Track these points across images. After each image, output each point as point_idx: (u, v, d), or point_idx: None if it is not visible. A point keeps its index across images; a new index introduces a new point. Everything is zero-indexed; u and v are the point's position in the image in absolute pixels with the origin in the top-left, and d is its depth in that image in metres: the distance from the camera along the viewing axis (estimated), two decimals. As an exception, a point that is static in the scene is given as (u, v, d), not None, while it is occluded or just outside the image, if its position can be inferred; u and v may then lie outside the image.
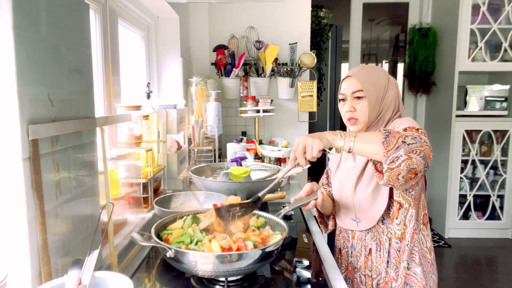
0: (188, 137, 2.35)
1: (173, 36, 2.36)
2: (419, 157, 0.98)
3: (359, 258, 1.30)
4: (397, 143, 1.00)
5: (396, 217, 1.20)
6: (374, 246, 1.26)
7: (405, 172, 0.99)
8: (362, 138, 1.06)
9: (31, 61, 0.77)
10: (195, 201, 1.53)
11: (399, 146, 0.99)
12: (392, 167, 0.99)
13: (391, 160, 0.99)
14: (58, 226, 0.87)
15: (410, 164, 0.98)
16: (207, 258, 0.91)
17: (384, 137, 1.01)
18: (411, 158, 0.98)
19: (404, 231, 1.20)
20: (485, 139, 3.93)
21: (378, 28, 5.41)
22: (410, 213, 1.20)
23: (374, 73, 1.26)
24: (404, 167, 0.98)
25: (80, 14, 0.99)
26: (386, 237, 1.24)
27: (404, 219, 1.20)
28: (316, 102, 2.91)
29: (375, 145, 1.02)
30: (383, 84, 1.24)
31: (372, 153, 1.04)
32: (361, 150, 1.06)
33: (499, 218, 3.94)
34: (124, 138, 1.53)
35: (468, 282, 3.12)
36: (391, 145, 1.00)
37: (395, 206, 1.20)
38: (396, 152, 0.99)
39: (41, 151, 0.79)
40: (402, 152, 0.98)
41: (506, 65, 3.73)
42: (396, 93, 1.27)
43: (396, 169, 0.99)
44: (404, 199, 1.19)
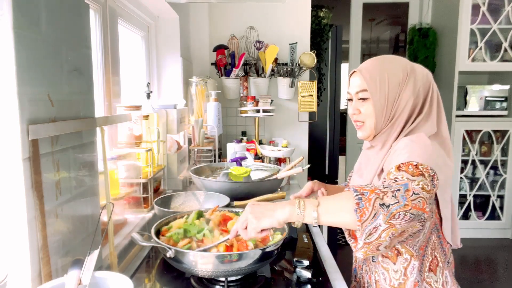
0: (188, 137, 2.35)
1: (173, 36, 2.35)
2: (405, 221, 0.78)
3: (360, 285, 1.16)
4: (373, 209, 0.78)
5: (394, 263, 1.01)
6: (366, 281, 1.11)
7: (387, 243, 0.80)
8: (327, 207, 0.84)
9: (31, 61, 0.77)
10: (195, 201, 1.53)
11: (377, 212, 0.78)
12: (369, 241, 0.80)
13: (368, 233, 0.79)
14: (58, 226, 0.86)
15: (394, 232, 0.79)
16: (207, 258, 0.91)
17: (357, 202, 0.79)
18: (394, 225, 0.78)
19: (404, 282, 1.00)
20: (485, 139, 3.93)
21: (378, 28, 5.40)
22: (412, 265, 0.99)
23: (386, 67, 1.01)
24: (386, 237, 0.79)
25: (80, 14, 0.99)
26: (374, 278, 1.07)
27: (403, 270, 1.00)
28: (316, 102, 2.91)
29: (345, 214, 0.81)
30: (397, 82, 0.98)
31: (343, 225, 0.84)
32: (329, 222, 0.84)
33: (499, 218, 3.94)
34: (124, 138, 1.53)
35: (468, 282, 3.12)
36: (366, 213, 0.78)
37: (393, 251, 1.00)
38: (373, 222, 0.78)
39: (41, 151, 0.79)
40: (381, 220, 0.78)
41: (506, 65, 3.73)
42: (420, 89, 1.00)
43: (376, 242, 0.80)
44: (404, 249, 0.99)
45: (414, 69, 1.01)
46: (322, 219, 0.83)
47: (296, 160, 1.69)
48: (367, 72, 1.02)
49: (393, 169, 0.89)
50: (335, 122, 3.57)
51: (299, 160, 1.67)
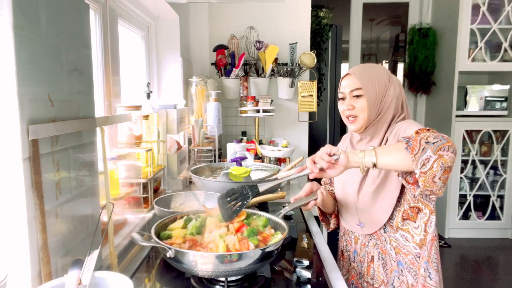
0: (188, 137, 2.35)
1: (173, 36, 2.36)
2: (450, 153, 0.93)
3: (363, 264, 1.27)
4: (421, 145, 0.94)
5: (415, 221, 1.16)
6: (376, 254, 1.23)
7: (441, 173, 0.93)
8: (383, 149, 1.01)
9: (31, 61, 0.77)
10: (195, 201, 1.53)
11: (425, 147, 0.94)
12: (424, 171, 0.93)
13: (422, 163, 0.93)
14: (58, 226, 0.86)
15: (444, 162, 0.92)
16: (207, 258, 0.91)
17: (405, 142, 0.96)
18: (442, 156, 0.92)
19: (424, 238, 1.15)
20: (485, 139, 3.93)
21: (378, 28, 5.41)
22: (431, 219, 1.15)
23: (374, 71, 1.22)
24: (438, 167, 0.92)
25: (80, 14, 0.99)
26: (391, 246, 1.20)
27: (423, 226, 1.15)
28: (316, 102, 2.91)
29: (399, 153, 0.97)
30: (383, 82, 1.20)
31: (399, 162, 0.98)
32: (387, 162, 1.00)
33: (499, 218, 3.94)
34: (124, 138, 1.53)
35: (468, 282, 3.12)
36: (415, 148, 0.94)
37: (413, 211, 1.15)
38: (424, 154, 0.93)
39: (41, 151, 0.79)
40: (430, 152, 0.93)
41: (506, 65, 3.73)
42: (399, 92, 1.22)
43: (430, 172, 0.93)
44: (424, 205, 1.15)
45: (392, 76, 1.24)
46: (380, 159, 1.00)
47: (296, 160, 1.69)
48: (360, 74, 1.21)
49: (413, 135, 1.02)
50: (335, 122, 3.57)
51: (299, 160, 1.67)
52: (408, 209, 1.16)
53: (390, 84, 1.21)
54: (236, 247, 0.96)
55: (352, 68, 1.26)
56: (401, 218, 1.17)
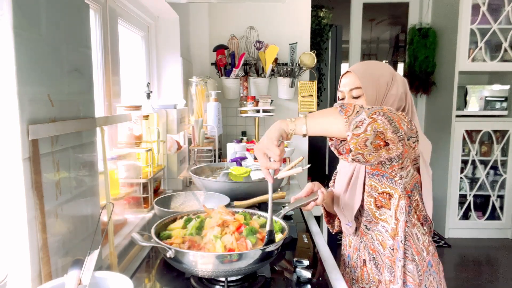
0: (188, 137, 2.35)
1: (173, 36, 2.35)
2: (384, 119, 0.90)
3: (356, 269, 1.26)
4: (355, 109, 0.92)
5: (389, 209, 1.13)
6: (367, 256, 1.21)
7: (373, 137, 0.90)
8: (315, 115, 0.97)
9: (31, 61, 0.77)
10: (195, 201, 1.53)
11: (359, 110, 0.91)
12: (357, 133, 0.90)
13: (355, 125, 0.90)
14: (58, 226, 0.86)
15: (376, 126, 0.89)
16: (207, 258, 0.91)
17: (339, 106, 0.93)
18: (376, 120, 0.89)
19: (396, 227, 1.13)
20: (485, 139, 3.93)
21: (378, 28, 5.41)
22: (401, 205, 1.12)
23: (376, 69, 1.16)
24: (371, 131, 0.89)
25: (80, 14, 0.99)
26: (378, 242, 1.18)
27: (395, 213, 1.12)
28: (316, 102, 2.91)
29: (332, 117, 0.94)
30: (385, 81, 1.13)
31: (331, 126, 0.95)
32: (319, 128, 0.97)
33: (499, 218, 3.94)
34: (124, 138, 1.53)
35: (468, 282, 3.12)
36: (349, 111, 0.91)
37: (385, 197, 1.13)
38: (357, 116, 0.90)
39: (41, 151, 0.79)
40: (365, 115, 0.90)
41: (506, 65, 3.74)
42: (402, 92, 1.15)
43: (363, 135, 0.90)
44: (391, 189, 1.11)
45: (395, 74, 1.17)
46: (310, 124, 0.96)
47: (296, 160, 1.68)
48: (360, 72, 1.15)
49: None
50: (335, 122, 3.56)
51: (299, 160, 1.67)
52: (379, 196, 1.13)
53: (393, 84, 1.14)
54: (234, 245, 0.96)
55: (353, 65, 1.20)
56: (374, 205, 1.14)
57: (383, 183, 1.12)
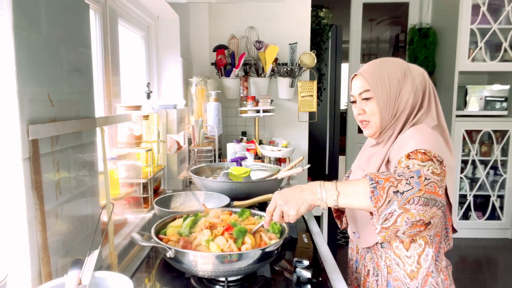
0: (188, 137, 2.35)
1: (173, 36, 2.35)
2: (420, 206, 0.82)
3: (361, 275, 1.20)
4: (387, 196, 0.83)
5: (407, 249, 1.05)
6: (371, 269, 1.15)
7: (406, 227, 0.84)
8: (346, 191, 0.91)
9: (31, 61, 0.77)
10: (195, 201, 1.53)
11: (391, 199, 0.83)
12: (386, 226, 0.85)
13: (384, 218, 0.84)
14: (58, 226, 0.86)
15: (410, 217, 0.82)
16: (207, 258, 0.91)
17: (371, 190, 0.85)
18: (409, 210, 0.82)
19: (417, 271, 1.04)
20: (485, 139, 3.93)
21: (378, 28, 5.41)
22: (426, 252, 1.03)
23: (385, 68, 1.08)
24: (402, 222, 0.83)
25: (80, 14, 0.99)
26: (385, 264, 1.10)
27: (417, 257, 1.04)
28: (316, 102, 2.91)
29: (362, 199, 0.87)
30: (396, 79, 1.05)
31: (362, 208, 0.90)
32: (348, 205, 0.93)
33: (499, 218, 3.94)
34: (124, 138, 1.53)
35: (468, 282, 3.12)
36: (380, 200, 0.83)
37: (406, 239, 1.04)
38: (388, 208, 0.83)
39: (41, 151, 0.79)
40: (396, 206, 0.82)
41: (506, 65, 3.73)
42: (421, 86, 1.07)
43: (393, 227, 0.84)
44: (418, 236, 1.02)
45: (410, 69, 1.09)
46: (341, 202, 0.91)
47: (296, 160, 1.69)
48: (368, 74, 1.08)
49: (403, 158, 0.96)
50: (335, 122, 3.57)
51: (299, 160, 1.67)
52: None
53: (406, 79, 1.06)
54: (232, 247, 0.96)
55: (362, 67, 1.14)
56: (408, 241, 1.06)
57: None
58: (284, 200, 0.94)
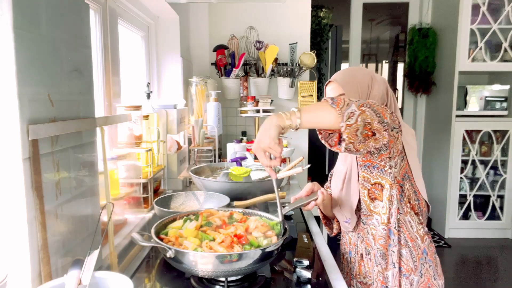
0: (188, 137, 2.35)
1: (173, 36, 2.36)
2: (371, 110, 0.99)
3: (355, 264, 1.29)
4: (345, 101, 0.99)
5: (381, 200, 1.18)
6: (364, 251, 1.25)
7: (362, 127, 0.98)
8: (308, 108, 1.02)
9: (31, 61, 0.77)
10: (195, 201, 1.53)
11: (349, 103, 0.99)
12: (350, 123, 0.97)
13: (348, 116, 0.97)
14: (58, 226, 0.87)
15: (365, 117, 0.98)
16: (207, 258, 0.91)
17: (330, 99, 1.00)
18: (364, 111, 0.98)
19: (388, 214, 1.18)
20: (485, 139, 3.93)
21: (378, 28, 5.41)
22: (392, 193, 1.17)
23: (355, 74, 1.24)
24: (361, 122, 0.98)
25: (80, 14, 0.99)
26: (372, 236, 1.22)
27: (387, 202, 1.17)
28: (316, 102, 2.91)
29: (325, 110, 1.00)
30: (366, 84, 1.22)
31: (325, 118, 1.01)
32: (313, 121, 1.02)
33: (499, 218, 3.94)
34: (124, 138, 1.53)
35: (468, 282, 3.12)
36: (340, 103, 0.98)
37: (377, 188, 1.18)
38: (349, 108, 0.98)
39: (41, 151, 0.79)
40: (354, 107, 0.98)
41: (506, 65, 3.73)
42: (384, 90, 1.24)
43: (354, 125, 0.97)
44: (383, 179, 1.17)
45: (375, 76, 1.26)
46: (304, 118, 1.00)
47: (296, 160, 1.68)
48: (342, 80, 1.23)
49: None
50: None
51: (299, 160, 1.67)
52: (372, 187, 1.19)
53: (373, 85, 1.22)
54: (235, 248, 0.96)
55: (334, 75, 1.28)
56: (368, 197, 1.20)
57: (375, 174, 1.18)
58: (256, 141, 1.03)
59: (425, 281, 1.20)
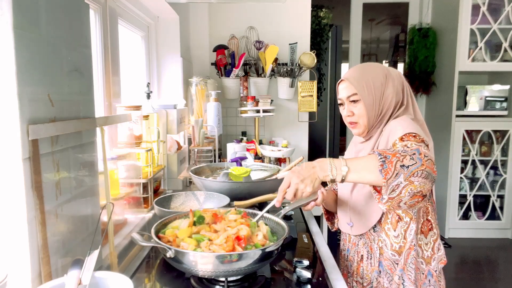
0: (188, 137, 2.35)
1: (173, 36, 2.36)
2: (422, 178, 0.91)
3: (353, 263, 1.29)
4: (395, 169, 0.92)
5: (394, 229, 1.15)
6: (365, 254, 1.24)
7: (408, 198, 0.93)
8: (355, 166, 0.98)
9: (31, 61, 0.77)
10: (195, 201, 1.53)
11: (398, 172, 0.91)
12: (393, 197, 0.93)
13: (392, 189, 0.92)
14: (58, 226, 0.86)
15: (413, 189, 0.91)
16: (207, 258, 0.91)
17: (381, 164, 0.93)
18: (413, 182, 0.91)
19: (403, 245, 1.15)
20: (485, 139, 3.93)
21: (378, 28, 5.40)
22: (411, 227, 1.14)
23: (369, 72, 1.19)
24: (405, 193, 0.92)
25: (80, 14, 0.99)
26: (377, 246, 1.20)
27: (403, 233, 1.14)
28: (316, 102, 2.91)
29: (371, 174, 0.95)
30: (379, 82, 1.17)
31: (370, 182, 0.97)
32: (356, 180, 0.99)
33: (499, 218, 3.94)
34: (124, 138, 1.53)
35: (468, 282, 3.12)
36: (389, 173, 0.91)
37: (394, 217, 1.15)
38: (395, 180, 0.91)
39: (41, 151, 0.79)
40: (402, 178, 0.91)
41: (506, 65, 3.73)
42: (399, 86, 1.19)
43: (397, 198, 0.93)
44: (404, 213, 1.14)
45: (390, 72, 1.21)
46: (350, 177, 0.97)
47: (296, 160, 1.68)
48: (354, 79, 1.18)
49: (397, 141, 1.05)
50: (335, 122, 3.57)
51: (299, 160, 1.67)
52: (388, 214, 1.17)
53: (388, 82, 1.18)
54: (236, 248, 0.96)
55: (346, 72, 1.23)
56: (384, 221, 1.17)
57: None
58: (300, 178, 1.00)
59: None
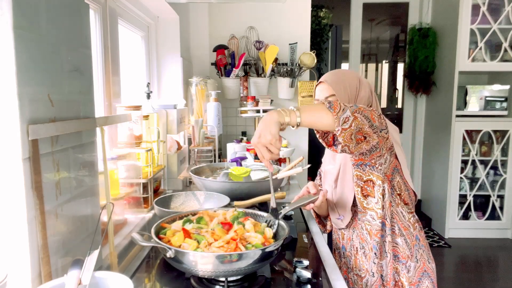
0: (188, 137, 2.35)
1: (173, 36, 2.36)
2: (362, 116, 1.05)
3: (350, 258, 1.34)
4: (341, 107, 1.05)
5: (374, 196, 1.23)
6: (358, 245, 1.30)
7: (355, 132, 1.05)
8: (307, 109, 1.08)
9: (31, 61, 0.77)
10: (195, 201, 1.53)
11: (344, 108, 1.05)
12: (345, 127, 1.04)
13: (343, 120, 1.03)
14: (58, 226, 0.86)
15: (357, 123, 1.04)
16: (207, 258, 0.91)
17: (327, 106, 1.05)
18: (357, 117, 1.04)
19: (382, 208, 1.23)
20: (485, 139, 3.93)
21: (378, 28, 5.40)
22: (383, 188, 1.22)
23: (345, 76, 1.30)
24: (354, 127, 1.04)
25: (80, 14, 0.99)
26: (366, 231, 1.26)
27: (381, 197, 1.22)
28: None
29: (321, 112, 1.06)
30: (355, 86, 1.28)
31: (322, 120, 1.06)
32: (311, 121, 1.07)
33: (499, 218, 3.94)
34: (124, 138, 1.53)
35: (468, 282, 3.12)
36: (337, 108, 1.04)
37: (369, 185, 1.23)
38: (344, 113, 1.04)
39: (41, 151, 0.79)
40: (349, 112, 1.04)
41: (506, 65, 3.73)
42: (369, 92, 1.31)
43: (349, 130, 1.04)
44: (374, 176, 1.22)
45: (362, 78, 1.33)
46: (303, 117, 1.06)
47: (296, 160, 1.69)
48: (332, 81, 1.28)
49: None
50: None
51: (299, 160, 1.67)
52: (364, 184, 1.23)
53: (361, 87, 1.29)
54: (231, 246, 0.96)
55: (324, 76, 1.33)
56: (361, 194, 1.24)
57: (367, 171, 1.22)
58: (257, 135, 1.06)
59: (420, 265, 1.26)
